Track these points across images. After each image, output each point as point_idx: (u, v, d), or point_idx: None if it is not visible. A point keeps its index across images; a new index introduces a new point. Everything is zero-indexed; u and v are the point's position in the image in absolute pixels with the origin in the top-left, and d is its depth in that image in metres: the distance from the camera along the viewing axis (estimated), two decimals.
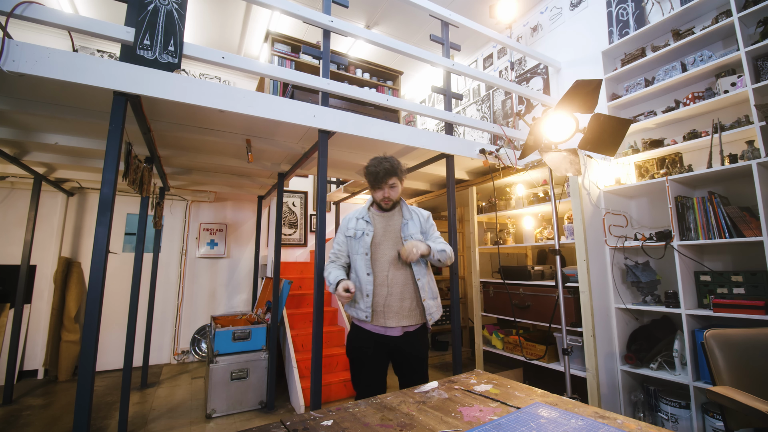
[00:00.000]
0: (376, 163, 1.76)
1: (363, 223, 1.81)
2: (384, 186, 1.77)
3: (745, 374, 1.32)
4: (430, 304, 1.77)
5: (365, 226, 1.80)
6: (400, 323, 1.71)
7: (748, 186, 2.02)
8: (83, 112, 1.98)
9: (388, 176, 1.75)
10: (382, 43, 2.49)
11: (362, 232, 1.78)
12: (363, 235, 1.78)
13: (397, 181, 1.78)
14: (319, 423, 0.76)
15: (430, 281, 1.82)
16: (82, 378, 1.41)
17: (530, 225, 3.34)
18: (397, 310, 1.71)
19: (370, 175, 1.76)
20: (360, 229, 1.80)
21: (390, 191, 1.78)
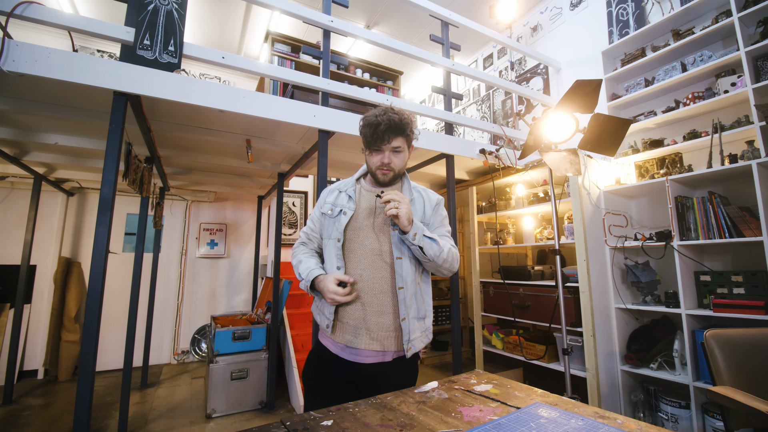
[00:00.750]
0: (378, 113, 1.24)
1: (345, 198, 1.32)
2: (384, 147, 1.23)
3: (745, 374, 1.32)
4: (413, 325, 1.22)
5: (346, 203, 1.30)
6: (372, 346, 1.19)
7: (748, 186, 2.02)
8: (83, 112, 1.98)
9: (393, 133, 1.22)
10: (382, 43, 2.49)
11: (340, 209, 1.29)
12: (339, 213, 1.29)
13: (404, 144, 1.26)
14: (319, 423, 0.76)
15: (418, 292, 1.27)
16: (82, 378, 1.41)
17: (530, 225, 3.34)
18: (371, 327, 1.19)
19: (368, 127, 1.23)
20: (339, 205, 1.31)
21: (393, 157, 1.25)
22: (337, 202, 1.33)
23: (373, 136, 1.23)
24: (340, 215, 1.29)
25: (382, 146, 1.23)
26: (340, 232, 1.26)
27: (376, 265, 1.24)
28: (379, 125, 1.21)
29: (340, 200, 1.33)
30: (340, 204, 1.32)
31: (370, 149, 1.27)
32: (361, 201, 1.31)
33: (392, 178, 1.30)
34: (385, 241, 1.26)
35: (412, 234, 1.19)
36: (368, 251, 1.25)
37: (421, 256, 1.22)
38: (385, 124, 1.21)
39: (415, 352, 1.24)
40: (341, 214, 1.29)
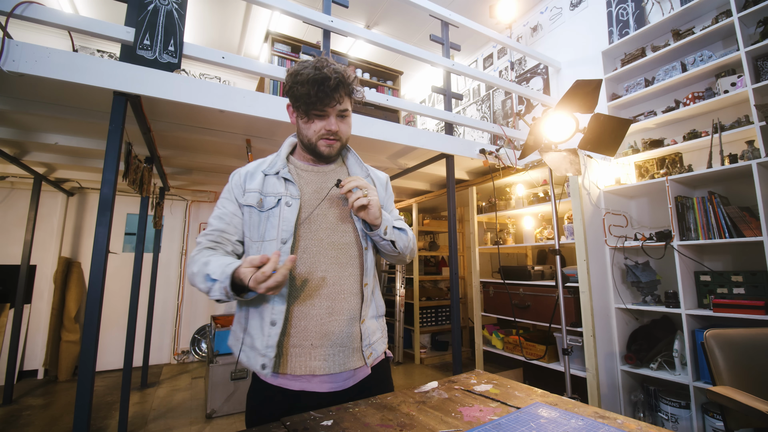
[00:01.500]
0: (317, 65, 0.93)
1: (277, 182, 0.99)
2: (330, 110, 0.95)
3: (745, 374, 1.32)
4: (372, 326, 1.02)
5: (284, 189, 0.98)
6: (338, 366, 0.93)
7: (748, 186, 2.02)
8: (83, 112, 1.98)
9: (342, 92, 0.95)
10: (382, 43, 2.49)
11: (277, 198, 0.97)
12: (279, 204, 0.96)
13: (350, 106, 1.00)
14: (319, 423, 0.76)
15: (376, 287, 1.08)
16: (82, 378, 1.41)
17: (530, 225, 3.34)
18: (334, 343, 0.94)
19: (308, 84, 0.91)
20: (272, 193, 0.98)
21: (340, 123, 0.98)
22: (267, 188, 0.99)
23: (317, 95, 0.91)
24: (281, 206, 0.96)
25: (327, 109, 0.94)
26: (288, 231, 0.94)
27: (341, 261, 0.99)
28: (326, 80, 0.91)
29: (270, 186, 0.99)
30: (272, 191, 0.98)
31: (308, 114, 0.95)
32: (303, 185, 1.02)
33: (338, 150, 1.02)
34: (349, 230, 1.02)
35: (383, 228, 0.99)
36: (328, 246, 0.98)
37: (390, 250, 1.03)
38: (334, 80, 0.92)
39: (376, 357, 1.02)
40: (282, 204, 0.96)
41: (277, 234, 0.94)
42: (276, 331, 0.90)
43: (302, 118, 0.97)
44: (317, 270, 0.96)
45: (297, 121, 1.00)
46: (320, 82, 0.91)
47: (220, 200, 1.04)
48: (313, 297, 0.95)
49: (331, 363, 0.93)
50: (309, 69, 0.92)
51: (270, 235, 0.95)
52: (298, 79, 0.92)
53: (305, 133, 0.98)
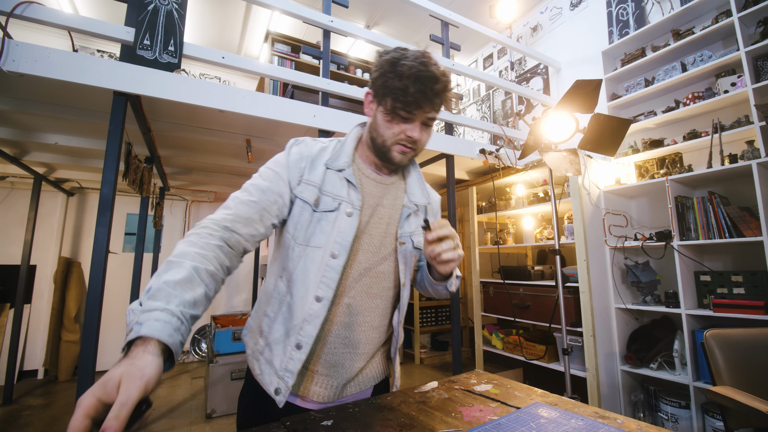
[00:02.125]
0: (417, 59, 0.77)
1: (339, 182, 0.85)
2: (418, 115, 0.80)
3: (745, 374, 1.32)
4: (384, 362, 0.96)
5: (345, 192, 0.85)
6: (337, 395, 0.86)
7: (748, 186, 2.02)
8: (83, 112, 1.98)
9: (437, 98, 0.79)
10: (382, 43, 2.49)
11: (337, 202, 0.83)
12: (338, 210, 0.83)
13: (435, 115, 0.83)
14: (319, 423, 0.76)
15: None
16: (82, 378, 1.41)
17: (530, 225, 3.34)
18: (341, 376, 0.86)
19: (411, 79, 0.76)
20: (331, 193, 0.84)
21: (423, 132, 0.83)
22: (326, 186, 0.84)
23: (415, 95, 0.76)
24: (339, 213, 0.82)
25: (416, 112, 0.79)
26: (344, 245, 0.81)
27: (373, 292, 0.87)
28: (432, 81, 0.76)
29: (330, 184, 0.85)
30: (332, 191, 0.84)
31: (394, 112, 0.79)
32: (366, 195, 0.87)
33: (410, 160, 0.88)
34: (391, 259, 0.89)
35: (453, 279, 0.89)
36: (363, 271, 0.86)
37: (442, 294, 0.94)
38: (442, 83, 0.78)
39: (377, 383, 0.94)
40: (341, 211, 0.82)
41: (325, 242, 0.81)
42: (300, 357, 0.79)
43: (385, 114, 0.81)
44: (345, 296, 0.84)
45: (376, 115, 0.84)
46: (424, 80, 0.76)
47: (264, 170, 0.84)
48: (332, 323, 0.84)
49: (331, 393, 0.85)
50: (413, 61, 0.77)
51: (316, 241, 0.81)
52: (398, 69, 0.76)
53: (381, 132, 0.83)
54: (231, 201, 0.79)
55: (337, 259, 0.80)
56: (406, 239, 0.91)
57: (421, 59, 0.78)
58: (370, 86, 0.86)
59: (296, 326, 0.80)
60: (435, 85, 0.77)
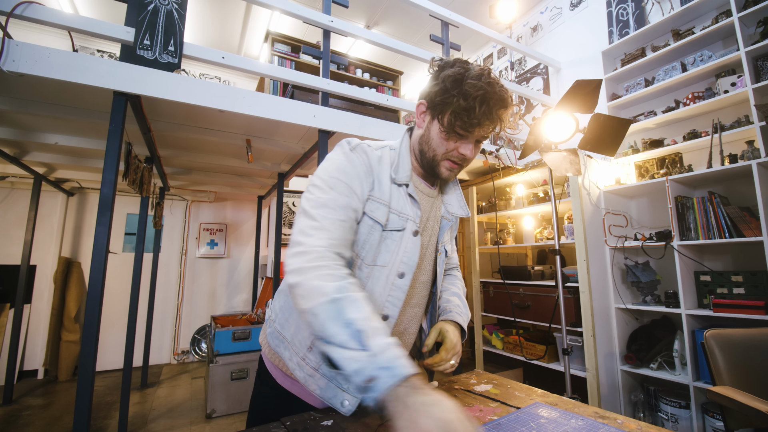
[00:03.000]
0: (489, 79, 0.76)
1: (403, 198, 0.83)
2: (474, 134, 0.79)
3: (745, 374, 1.32)
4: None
5: (409, 209, 0.83)
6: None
7: (748, 186, 2.02)
8: (83, 112, 1.98)
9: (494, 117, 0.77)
10: (382, 43, 2.49)
11: (404, 220, 0.82)
12: (405, 230, 0.82)
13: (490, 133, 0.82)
14: (319, 423, 0.75)
15: None
16: (82, 378, 1.41)
17: (530, 225, 3.34)
18: None
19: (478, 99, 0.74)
20: (398, 211, 0.82)
21: (474, 150, 0.82)
22: (394, 203, 0.81)
23: (479, 117, 0.75)
24: (406, 233, 0.81)
25: (473, 131, 0.78)
26: (410, 265, 0.80)
27: (413, 302, 0.88)
28: (500, 104, 0.75)
29: (396, 201, 0.82)
30: (399, 209, 0.81)
31: (451, 130, 0.78)
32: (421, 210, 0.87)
33: (455, 175, 0.89)
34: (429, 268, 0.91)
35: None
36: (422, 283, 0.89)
37: None
38: (499, 104, 0.75)
39: None
40: (407, 231, 0.81)
41: (390, 260, 0.80)
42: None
43: (442, 130, 0.80)
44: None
45: (429, 128, 0.83)
46: (490, 102, 0.74)
47: (334, 182, 0.76)
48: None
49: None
50: (479, 81, 0.75)
51: (383, 260, 0.79)
52: (463, 89, 0.75)
53: (434, 146, 0.82)
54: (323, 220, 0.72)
55: (403, 279, 0.80)
56: (441, 249, 0.92)
57: (488, 79, 0.76)
58: (425, 97, 0.84)
59: None
60: (501, 108, 0.76)
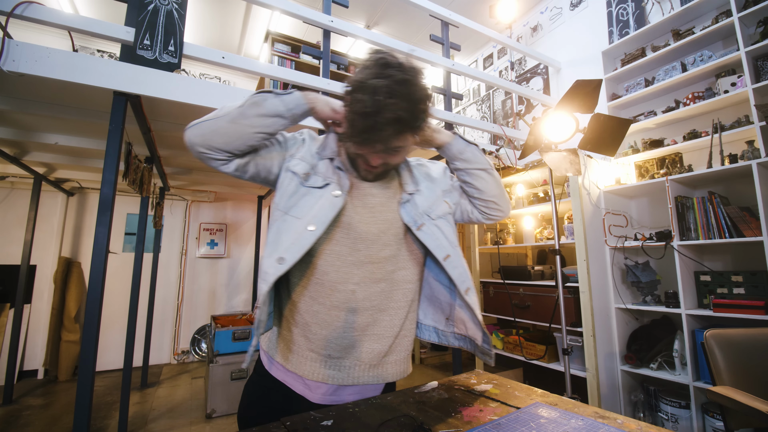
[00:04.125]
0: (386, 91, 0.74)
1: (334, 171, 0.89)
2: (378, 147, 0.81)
3: (745, 374, 1.32)
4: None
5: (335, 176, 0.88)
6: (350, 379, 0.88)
7: (748, 186, 2.02)
8: (83, 112, 1.98)
9: (398, 132, 0.77)
10: (382, 43, 2.49)
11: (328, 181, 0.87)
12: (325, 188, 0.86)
13: (409, 140, 0.83)
14: (319, 423, 0.76)
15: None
16: (82, 378, 1.41)
17: (530, 225, 3.34)
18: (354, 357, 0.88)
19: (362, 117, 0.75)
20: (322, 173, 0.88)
21: (389, 157, 0.85)
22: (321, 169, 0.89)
23: (365, 130, 0.76)
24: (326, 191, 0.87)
25: (374, 144, 0.79)
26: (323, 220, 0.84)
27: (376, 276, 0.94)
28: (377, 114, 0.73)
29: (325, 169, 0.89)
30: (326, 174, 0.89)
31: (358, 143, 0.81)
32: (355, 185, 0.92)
33: (382, 174, 0.92)
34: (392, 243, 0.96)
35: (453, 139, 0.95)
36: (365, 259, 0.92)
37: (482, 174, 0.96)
38: (389, 117, 0.73)
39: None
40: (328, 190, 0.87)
41: (305, 214, 0.83)
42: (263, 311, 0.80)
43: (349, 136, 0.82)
44: (349, 282, 0.86)
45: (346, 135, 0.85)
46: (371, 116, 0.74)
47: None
48: (339, 309, 0.86)
49: (345, 374, 0.87)
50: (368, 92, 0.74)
51: (297, 213, 0.84)
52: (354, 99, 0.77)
53: (349, 149, 0.87)
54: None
55: (313, 232, 0.81)
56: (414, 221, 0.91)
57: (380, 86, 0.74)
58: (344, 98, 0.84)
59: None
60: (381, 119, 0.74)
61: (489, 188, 0.96)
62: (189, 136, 0.84)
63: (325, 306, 0.86)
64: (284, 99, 0.82)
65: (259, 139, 0.83)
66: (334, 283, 0.86)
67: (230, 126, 0.80)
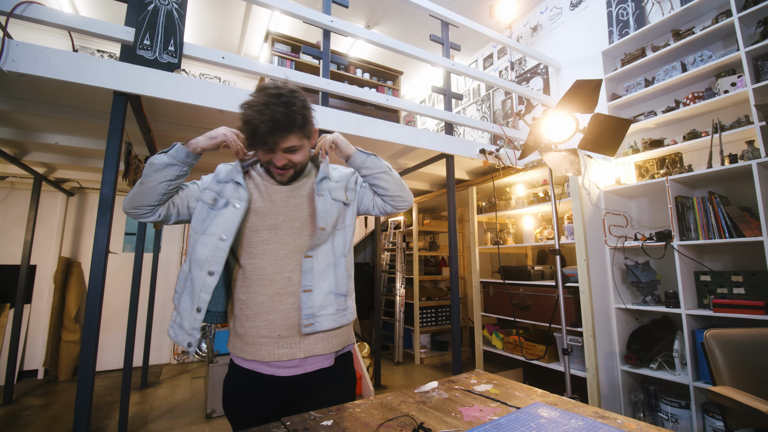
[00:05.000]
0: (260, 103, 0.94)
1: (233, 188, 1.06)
2: (275, 149, 0.99)
3: (745, 374, 1.32)
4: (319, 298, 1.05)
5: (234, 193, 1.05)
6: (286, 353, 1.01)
7: (748, 186, 2.02)
8: (83, 112, 1.98)
9: (280, 134, 0.96)
10: (382, 43, 2.49)
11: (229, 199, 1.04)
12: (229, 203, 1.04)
13: (300, 139, 1.00)
14: (319, 423, 0.76)
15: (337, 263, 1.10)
16: (82, 378, 1.41)
17: (530, 225, 3.34)
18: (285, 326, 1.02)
19: (246, 125, 0.96)
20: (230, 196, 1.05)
21: (289, 156, 1.01)
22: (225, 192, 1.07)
23: (252, 138, 0.96)
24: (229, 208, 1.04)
25: (264, 146, 0.98)
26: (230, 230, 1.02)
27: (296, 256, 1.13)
28: (257, 128, 0.93)
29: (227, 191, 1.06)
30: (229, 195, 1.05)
31: (253, 147, 1.01)
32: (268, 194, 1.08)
33: (294, 175, 1.08)
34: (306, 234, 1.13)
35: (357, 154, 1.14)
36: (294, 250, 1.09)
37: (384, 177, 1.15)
38: (266, 125, 0.93)
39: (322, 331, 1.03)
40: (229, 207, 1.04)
41: (216, 230, 1.02)
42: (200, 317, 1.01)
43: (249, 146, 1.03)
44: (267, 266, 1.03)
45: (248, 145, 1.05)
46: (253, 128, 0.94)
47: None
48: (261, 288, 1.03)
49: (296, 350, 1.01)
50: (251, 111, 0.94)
51: (211, 231, 1.02)
52: (241, 115, 0.97)
53: (260, 157, 1.04)
54: None
55: (225, 242, 1.01)
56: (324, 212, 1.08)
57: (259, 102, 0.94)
58: None
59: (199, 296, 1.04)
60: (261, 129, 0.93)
61: (391, 186, 1.16)
62: (124, 207, 1.05)
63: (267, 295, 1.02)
64: (168, 152, 1.02)
65: (164, 187, 1.02)
66: (259, 271, 1.04)
67: (141, 188, 1.01)
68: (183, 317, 1.03)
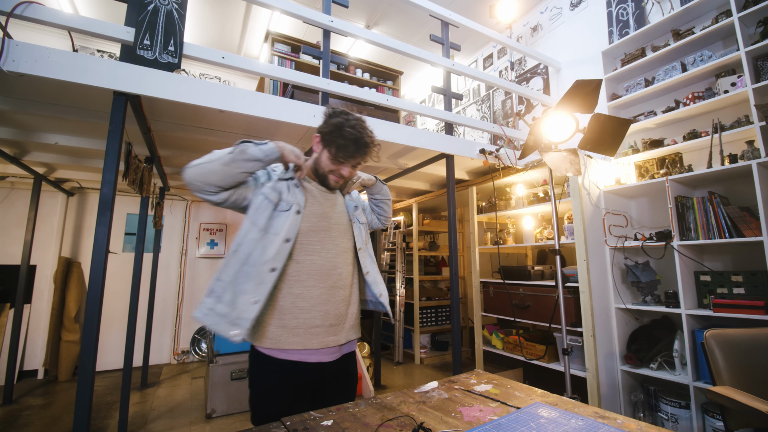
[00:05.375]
0: (357, 126, 1.19)
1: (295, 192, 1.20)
2: (351, 162, 1.23)
3: (745, 374, 1.32)
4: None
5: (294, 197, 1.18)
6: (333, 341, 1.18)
7: (748, 186, 2.02)
8: (83, 112, 1.98)
9: (362, 155, 1.22)
10: (382, 43, 2.49)
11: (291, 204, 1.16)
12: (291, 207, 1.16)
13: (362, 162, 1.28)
14: (319, 423, 0.76)
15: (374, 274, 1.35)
16: (82, 378, 1.41)
17: (530, 225, 3.34)
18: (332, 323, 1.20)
19: (352, 141, 1.17)
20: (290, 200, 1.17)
21: (351, 171, 1.26)
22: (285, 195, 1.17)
23: (347, 149, 1.17)
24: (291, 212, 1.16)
25: (348, 160, 1.21)
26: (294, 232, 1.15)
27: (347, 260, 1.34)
28: (366, 147, 1.20)
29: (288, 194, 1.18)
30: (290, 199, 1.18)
31: (336, 157, 1.19)
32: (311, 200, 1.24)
33: (341, 186, 1.34)
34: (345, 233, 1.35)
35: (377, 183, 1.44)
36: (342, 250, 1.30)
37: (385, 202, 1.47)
38: (364, 146, 1.19)
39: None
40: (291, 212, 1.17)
41: (281, 230, 1.12)
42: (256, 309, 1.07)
43: (329, 156, 1.21)
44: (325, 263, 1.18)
45: (321, 153, 1.23)
46: (361, 145, 1.19)
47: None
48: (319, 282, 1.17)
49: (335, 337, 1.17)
50: (352, 129, 1.17)
51: (275, 230, 1.12)
52: (342, 133, 1.16)
53: (323, 166, 1.23)
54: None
55: (289, 243, 1.12)
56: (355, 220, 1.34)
57: (357, 127, 1.18)
58: (319, 132, 1.22)
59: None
60: (366, 148, 1.21)
61: (389, 210, 1.50)
62: (189, 175, 1.07)
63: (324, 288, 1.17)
64: (262, 148, 1.12)
65: (243, 177, 1.12)
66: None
67: (223, 168, 1.07)
68: (233, 307, 1.05)
